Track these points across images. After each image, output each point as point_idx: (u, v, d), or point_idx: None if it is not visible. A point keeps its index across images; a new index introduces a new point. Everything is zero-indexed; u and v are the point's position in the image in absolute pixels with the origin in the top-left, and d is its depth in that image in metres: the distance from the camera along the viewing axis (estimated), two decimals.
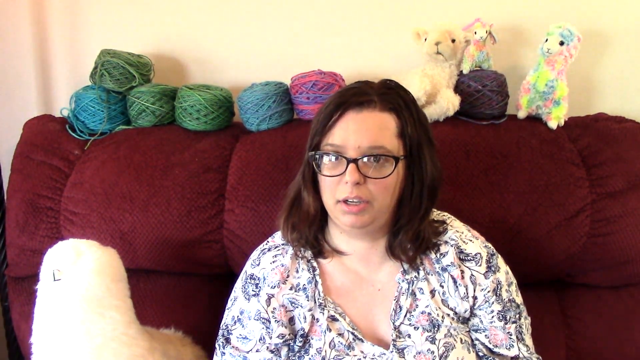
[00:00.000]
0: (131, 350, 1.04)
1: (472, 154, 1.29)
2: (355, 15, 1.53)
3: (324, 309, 0.98)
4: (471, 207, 1.25)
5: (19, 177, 1.40)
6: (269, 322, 0.98)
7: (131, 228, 1.31)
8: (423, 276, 0.99)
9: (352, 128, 0.92)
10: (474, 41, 1.38)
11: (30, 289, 1.28)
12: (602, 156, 1.30)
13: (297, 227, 1.00)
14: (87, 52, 1.60)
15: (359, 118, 0.93)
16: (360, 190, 0.91)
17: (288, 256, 1.02)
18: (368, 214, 0.93)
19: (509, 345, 0.99)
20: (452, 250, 1.00)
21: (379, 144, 0.91)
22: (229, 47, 1.59)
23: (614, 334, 1.30)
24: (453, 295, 0.98)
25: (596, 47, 1.47)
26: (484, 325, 1.00)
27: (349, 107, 0.93)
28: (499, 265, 1.02)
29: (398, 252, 0.98)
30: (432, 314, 0.97)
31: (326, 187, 0.95)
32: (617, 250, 1.26)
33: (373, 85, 0.97)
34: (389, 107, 0.94)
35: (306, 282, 1.00)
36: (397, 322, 0.97)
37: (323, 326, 0.97)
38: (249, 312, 1.00)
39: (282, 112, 1.41)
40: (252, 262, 1.04)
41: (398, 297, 0.98)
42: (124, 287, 1.10)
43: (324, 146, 0.94)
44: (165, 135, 1.42)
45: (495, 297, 0.99)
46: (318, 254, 1.02)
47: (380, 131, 0.92)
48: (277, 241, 1.06)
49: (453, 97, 1.34)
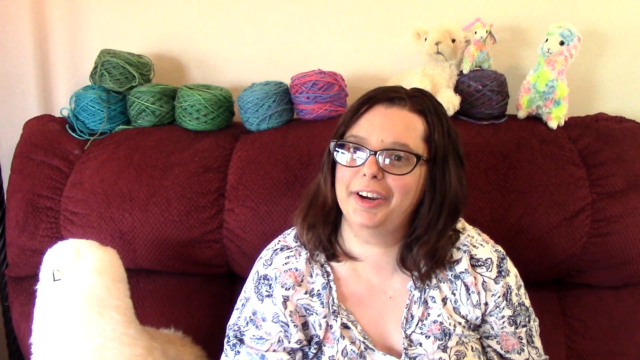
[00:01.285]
0: (131, 350, 1.04)
1: (472, 154, 1.28)
2: (355, 15, 1.53)
3: (337, 315, 0.96)
4: (471, 207, 1.24)
5: (19, 177, 1.40)
6: (287, 325, 0.96)
7: (131, 228, 1.31)
8: (435, 284, 0.97)
9: (378, 121, 0.91)
10: (474, 41, 1.38)
11: (30, 289, 1.28)
12: (602, 156, 1.29)
13: (313, 228, 0.98)
14: (87, 52, 1.61)
15: (387, 113, 0.92)
16: (378, 184, 0.88)
17: (302, 259, 0.99)
18: (382, 212, 0.90)
19: (520, 350, 0.99)
20: (465, 257, 0.98)
21: (403, 142, 0.89)
22: (229, 47, 1.59)
23: (614, 334, 1.30)
24: (465, 303, 0.97)
25: (596, 47, 1.46)
26: (495, 332, 0.99)
27: (379, 102, 0.93)
28: (509, 269, 1.00)
29: (410, 266, 0.96)
30: (444, 323, 0.95)
31: (342, 178, 0.92)
32: (617, 250, 1.26)
33: (406, 89, 0.97)
34: (419, 109, 0.93)
35: (321, 287, 0.97)
36: (408, 331, 0.95)
37: (337, 334, 0.95)
38: (263, 314, 0.97)
39: (282, 112, 1.41)
40: (264, 262, 1.01)
41: (410, 305, 0.97)
42: (124, 287, 1.09)
43: (348, 137, 0.93)
44: (165, 135, 1.42)
45: (506, 302, 0.98)
46: (331, 257, 1.00)
47: (406, 130, 0.91)
48: (290, 242, 1.03)
49: (453, 97, 1.34)
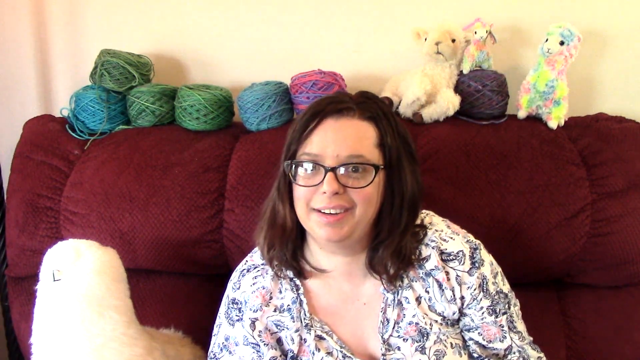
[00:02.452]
0: (131, 351, 1.04)
1: (472, 154, 1.29)
2: (355, 15, 1.53)
3: (310, 328, 0.95)
4: (471, 207, 1.25)
5: (19, 177, 1.40)
6: (258, 346, 0.95)
7: (131, 228, 1.31)
8: (407, 284, 0.96)
9: (331, 136, 0.89)
10: (474, 41, 1.38)
11: (30, 289, 1.27)
12: (602, 156, 1.29)
13: (275, 245, 0.96)
14: (87, 52, 1.61)
15: (337, 126, 0.90)
16: (340, 198, 0.88)
17: (269, 277, 0.99)
18: (347, 225, 0.89)
19: (502, 337, 0.98)
20: (434, 253, 0.97)
21: (358, 153, 0.88)
22: (229, 47, 1.59)
23: (614, 334, 1.29)
24: (440, 300, 0.96)
25: (596, 47, 1.46)
26: (476, 324, 0.98)
27: (327, 115, 0.90)
28: (483, 259, 0.98)
29: (379, 269, 0.95)
30: (419, 324, 0.95)
31: (300, 197, 0.91)
32: (617, 250, 1.26)
33: (351, 95, 0.95)
34: (368, 116, 0.91)
35: (290, 302, 0.97)
36: (385, 335, 0.94)
37: (311, 346, 0.94)
38: (235, 338, 0.97)
39: (282, 112, 1.41)
40: (233, 286, 1.01)
41: (384, 308, 0.96)
42: (124, 287, 1.09)
43: (301, 155, 0.91)
44: (165, 135, 1.42)
45: (483, 292, 0.97)
46: (298, 274, 0.98)
47: (359, 140, 0.89)
48: (256, 260, 1.02)
49: (453, 97, 1.34)
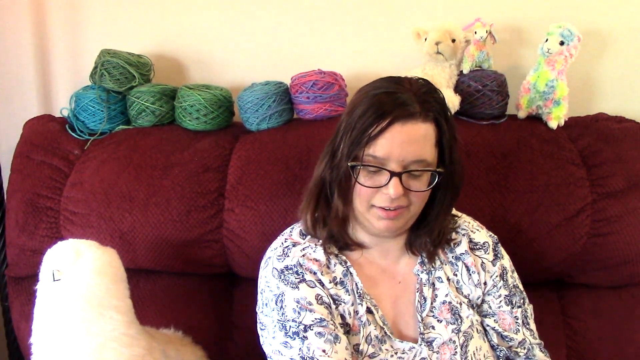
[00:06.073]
0: (131, 351, 1.04)
1: (472, 154, 1.29)
2: (355, 15, 1.53)
3: (362, 300, 0.96)
4: (472, 207, 1.25)
5: (19, 177, 1.40)
6: (330, 307, 0.94)
7: (131, 228, 1.31)
8: (439, 265, 1.02)
9: (398, 141, 0.88)
10: (474, 41, 1.38)
11: (30, 289, 1.28)
12: (602, 156, 1.30)
13: (324, 223, 0.98)
14: (87, 52, 1.60)
15: (404, 131, 0.88)
16: (401, 199, 0.91)
17: (319, 250, 0.99)
18: (403, 219, 0.94)
19: (516, 329, 1.03)
20: (465, 240, 1.03)
21: (422, 158, 0.90)
22: (229, 47, 1.59)
23: (614, 334, 1.30)
24: (467, 283, 1.01)
25: (596, 47, 1.47)
26: (493, 310, 1.03)
27: (395, 120, 0.88)
28: (503, 254, 1.06)
29: (418, 248, 1.01)
30: (452, 302, 0.99)
31: (361, 194, 0.92)
32: (617, 250, 1.26)
33: (411, 89, 0.91)
34: (431, 117, 0.91)
35: (342, 275, 0.97)
36: (423, 314, 0.98)
37: (363, 319, 0.95)
38: (306, 298, 0.93)
39: (282, 112, 1.41)
40: (278, 258, 0.98)
41: (420, 288, 0.99)
42: (124, 287, 1.09)
43: (365, 157, 0.90)
44: (165, 135, 1.42)
45: (503, 282, 1.03)
46: (344, 247, 1.00)
47: (423, 145, 0.90)
48: (297, 239, 1.02)
49: (453, 97, 1.34)
